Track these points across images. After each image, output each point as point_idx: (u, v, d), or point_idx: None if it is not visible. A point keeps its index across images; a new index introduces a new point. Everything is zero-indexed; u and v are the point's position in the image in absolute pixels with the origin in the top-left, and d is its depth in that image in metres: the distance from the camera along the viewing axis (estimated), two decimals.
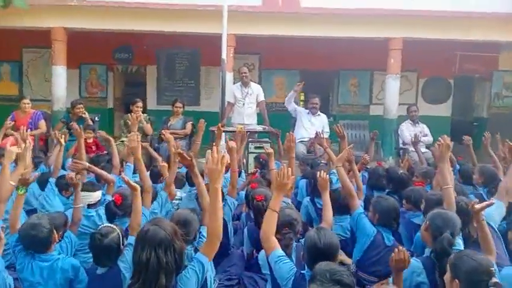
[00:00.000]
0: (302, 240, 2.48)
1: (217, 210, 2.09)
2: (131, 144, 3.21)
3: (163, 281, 1.89)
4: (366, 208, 3.27)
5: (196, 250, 2.33)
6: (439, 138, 2.96)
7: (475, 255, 1.95)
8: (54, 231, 2.47)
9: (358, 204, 3.13)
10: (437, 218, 2.45)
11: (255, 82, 7.65)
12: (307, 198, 3.94)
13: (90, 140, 5.93)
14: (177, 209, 3.53)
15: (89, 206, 3.28)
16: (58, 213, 2.84)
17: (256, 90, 6.87)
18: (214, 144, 4.36)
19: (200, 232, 2.38)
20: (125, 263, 2.36)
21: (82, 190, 3.27)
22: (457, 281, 1.89)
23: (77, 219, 3.05)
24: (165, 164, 3.89)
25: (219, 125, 4.98)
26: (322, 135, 5.57)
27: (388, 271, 2.98)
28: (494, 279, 1.82)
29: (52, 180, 3.82)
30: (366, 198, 3.83)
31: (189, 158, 2.92)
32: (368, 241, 2.92)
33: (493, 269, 1.86)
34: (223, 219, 3.20)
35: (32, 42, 9.18)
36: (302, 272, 2.17)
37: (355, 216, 3.03)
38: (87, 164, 3.70)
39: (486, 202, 2.55)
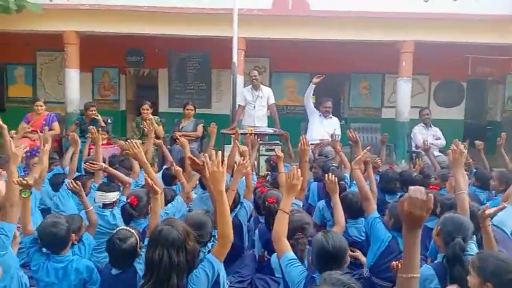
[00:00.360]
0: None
1: (225, 212, 2.09)
2: (131, 151, 3.17)
3: (175, 280, 1.90)
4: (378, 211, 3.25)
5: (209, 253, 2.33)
6: (453, 143, 2.91)
7: (499, 255, 1.92)
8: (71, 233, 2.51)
9: (374, 208, 3.06)
10: (448, 223, 2.42)
11: (266, 85, 7.66)
12: (323, 202, 3.89)
13: (104, 142, 5.98)
14: (189, 210, 3.54)
15: (105, 205, 3.30)
16: (75, 216, 2.86)
17: (266, 93, 6.88)
18: (232, 146, 4.45)
19: (214, 236, 2.37)
20: (142, 264, 2.37)
21: (98, 190, 3.32)
22: (489, 284, 1.83)
23: (93, 221, 3.07)
24: (179, 169, 3.89)
25: (236, 129, 4.99)
26: (336, 137, 5.55)
27: None
28: None
29: (67, 181, 3.85)
30: (377, 201, 3.80)
31: (200, 163, 2.91)
32: (382, 246, 2.88)
33: None
34: (239, 221, 3.24)
35: (46, 46, 9.31)
36: (313, 275, 2.13)
37: (370, 220, 2.98)
38: (104, 164, 3.73)
39: (498, 207, 2.51)
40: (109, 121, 6.91)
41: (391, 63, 8.01)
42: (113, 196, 3.31)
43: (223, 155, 2.15)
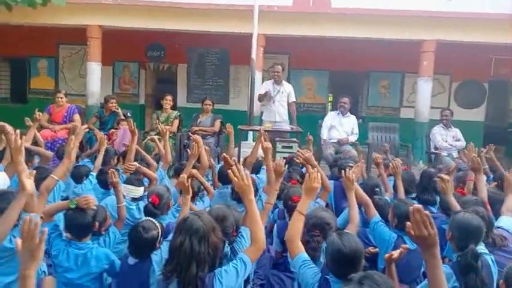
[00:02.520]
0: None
1: (256, 219, 2.16)
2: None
3: (194, 269, 1.92)
4: None
5: (232, 249, 2.35)
6: (468, 147, 2.86)
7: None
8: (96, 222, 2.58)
9: (375, 213, 3.01)
10: (460, 229, 2.38)
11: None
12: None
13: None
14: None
15: (133, 199, 3.38)
16: (100, 207, 2.93)
17: (288, 89, 6.85)
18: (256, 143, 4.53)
19: (240, 232, 2.40)
20: (158, 256, 2.43)
21: (128, 183, 3.38)
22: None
23: (122, 216, 3.14)
24: (195, 171, 3.92)
25: (261, 128, 5.04)
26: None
27: (415, 276, 2.93)
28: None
29: (93, 174, 3.95)
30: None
31: (232, 163, 2.99)
32: (390, 247, 2.84)
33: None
34: None
35: (68, 39, 9.48)
36: (326, 277, 2.09)
37: (372, 225, 2.94)
38: (138, 165, 3.87)
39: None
40: (129, 114, 6.96)
41: (411, 63, 7.92)
42: (141, 191, 3.38)
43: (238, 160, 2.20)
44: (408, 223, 1.61)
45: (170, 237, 2.24)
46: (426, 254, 1.62)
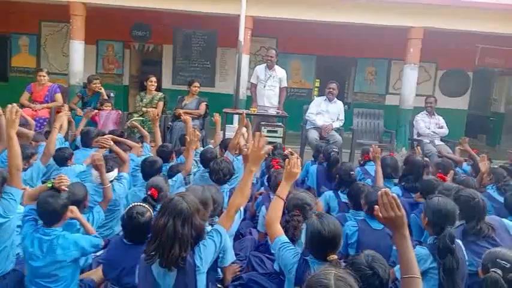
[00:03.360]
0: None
1: (246, 188, 2.33)
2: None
3: (177, 250, 1.94)
4: None
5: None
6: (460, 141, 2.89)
7: (506, 253, 1.96)
8: (69, 209, 2.51)
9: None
10: (435, 214, 2.45)
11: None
12: (331, 192, 3.83)
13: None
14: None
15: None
16: (78, 184, 2.89)
17: (280, 74, 6.79)
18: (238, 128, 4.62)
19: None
20: None
21: (95, 169, 3.30)
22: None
23: (108, 197, 3.13)
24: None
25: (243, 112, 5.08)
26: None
27: (385, 257, 2.98)
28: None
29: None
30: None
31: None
32: (355, 233, 2.87)
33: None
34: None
35: (51, 16, 9.23)
36: (306, 258, 2.13)
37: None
38: (112, 143, 3.82)
39: None
40: (111, 95, 6.88)
41: (398, 50, 7.92)
42: (110, 176, 3.32)
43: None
44: (376, 206, 1.67)
45: None
46: (396, 235, 1.67)
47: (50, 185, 2.46)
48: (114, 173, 3.40)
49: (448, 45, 8.39)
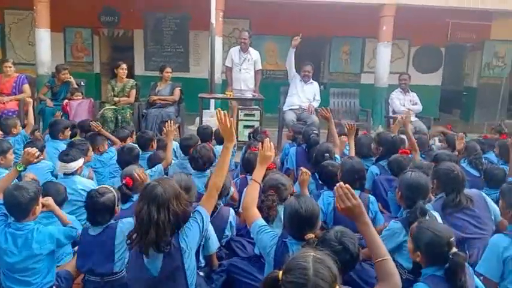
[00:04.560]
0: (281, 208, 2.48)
1: (225, 167, 2.28)
2: None
3: (153, 236, 1.92)
4: None
5: None
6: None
7: (436, 227, 1.99)
8: (39, 202, 2.41)
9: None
10: (408, 188, 2.52)
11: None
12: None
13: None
14: (166, 174, 3.60)
15: (66, 174, 3.24)
16: (55, 186, 2.84)
17: (255, 57, 6.71)
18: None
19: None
20: (125, 225, 2.39)
21: (59, 160, 3.24)
22: (419, 253, 1.96)
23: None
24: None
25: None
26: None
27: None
28: (453, 250, 1.87)
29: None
30: None
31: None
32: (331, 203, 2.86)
33: (452, 239, 1.90)
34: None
35: (14, 4, 8.87)
36: (284, 240, 2.14)
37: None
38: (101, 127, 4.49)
39: None
40: (82, 83, 6.69)
41: (372, 28, 7.93)
42: (74, 166, 3.23)
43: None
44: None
45: None
46: (358, 223, 1.77)
47: (21, 168, 2.38)
48: (78, 163, 3.28)
49: (419, 21, 8.43)
